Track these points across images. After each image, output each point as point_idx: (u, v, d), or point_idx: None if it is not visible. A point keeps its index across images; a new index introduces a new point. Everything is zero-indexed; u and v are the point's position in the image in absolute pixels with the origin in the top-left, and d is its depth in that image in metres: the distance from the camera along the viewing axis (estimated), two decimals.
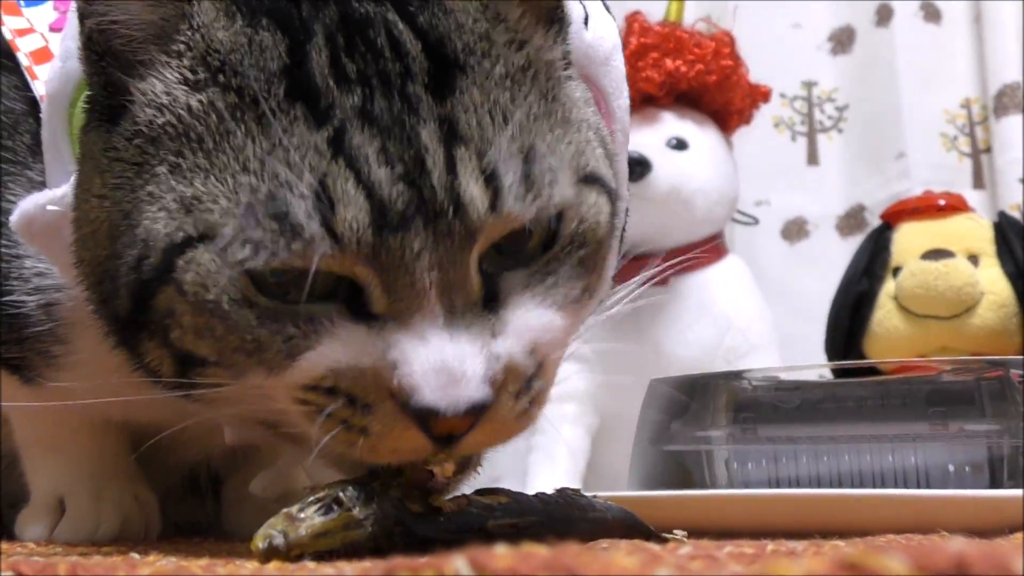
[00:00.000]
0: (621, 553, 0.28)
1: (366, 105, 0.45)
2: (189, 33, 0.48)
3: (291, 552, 0.43)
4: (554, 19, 0.53)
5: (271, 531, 0.44)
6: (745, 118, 1.39)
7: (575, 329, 0.51)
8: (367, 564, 0.35)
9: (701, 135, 1.33)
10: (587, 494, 0.55)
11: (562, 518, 0.51)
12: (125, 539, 0.68)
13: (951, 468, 0.72)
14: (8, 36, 0.67)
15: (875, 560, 0.20)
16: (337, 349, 0.45)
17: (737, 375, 0.87)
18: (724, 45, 1.33)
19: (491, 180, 0.45)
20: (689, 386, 0.85)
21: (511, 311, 0.47)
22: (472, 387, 0.44)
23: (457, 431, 0.45)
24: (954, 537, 0.34)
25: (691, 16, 1.49)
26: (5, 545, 0.63)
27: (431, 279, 0.44)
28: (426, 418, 0.44)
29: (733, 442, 0.80)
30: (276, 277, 0.45)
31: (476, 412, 0.44)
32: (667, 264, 0.69)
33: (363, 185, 0.43)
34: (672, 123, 1.32)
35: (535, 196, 0.46)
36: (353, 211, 0.43)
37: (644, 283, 0.60)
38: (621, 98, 0.63)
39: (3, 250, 0.63)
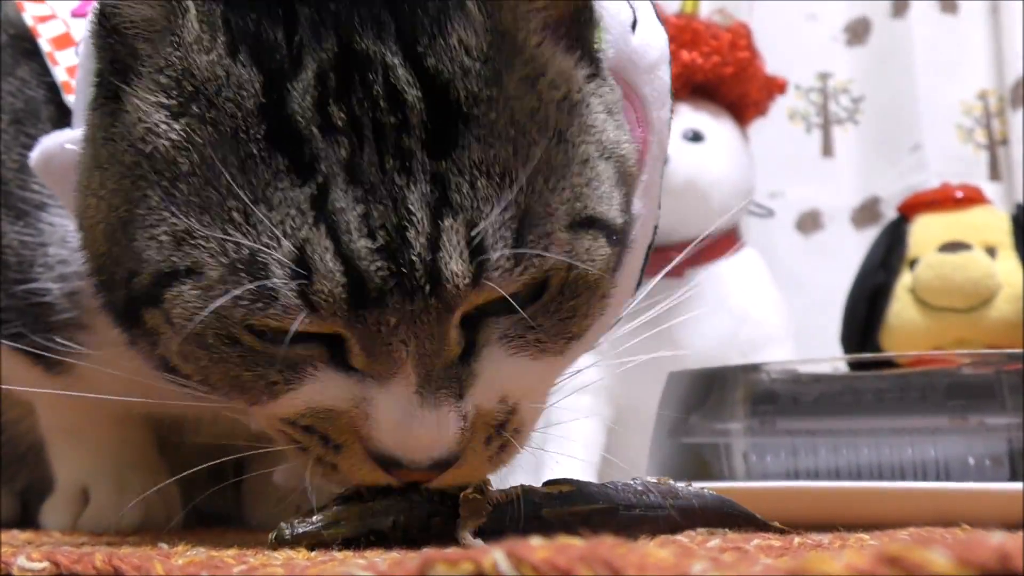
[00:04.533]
0: (653, 545, 0.28)
1: (354, 159, 0.43)
2: (171, 49, 0.46)
3: (300, 543, 0.44)
4: (576, 36, 0.50)
5: (282, 523, 0.45)
6: (761, 110, 1.39)
7: (563, 366, 0.51)
8: (398, 556, 0.35)
9: (717, 127, 1.33)
10: (678, 483, 0.54)
11: (632, 505, 0.50)
12: (147, 529, 0.68)
13: (971, 461, 0.72)
14: (30, 23, 0.67)
15: (917, 554, 0.20)
16: (317, 391, 0.46)
17: (755, 367, 0.87)
18: (740, 37, 1.32)
19: (477, 254, 0.43)
20: (707, 378, 0.85)
21: (484, 362, 0.46)
22: (438, 448, 0.45)
23: (421, 480, 0.47)
24: (995, 531, 0.34)
25: (707, 8, 1.49)
26: (31, 534, 0.64)
27: (407, 350, 0.44)
28: (391, 467, 0.46)
29: (751, 435, 0.80)
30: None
31: (441, 468, 0.46)
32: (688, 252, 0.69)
33: (342, 257, 0.42)
34: (688, 115, 1.32)
35: (523, 269, 0.44)
36: (330, 285, 0.42)
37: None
38: (663, 109, 0.61)
39: (27, 238, 0.64)
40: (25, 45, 0.67)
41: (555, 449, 1.40)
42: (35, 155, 0.56)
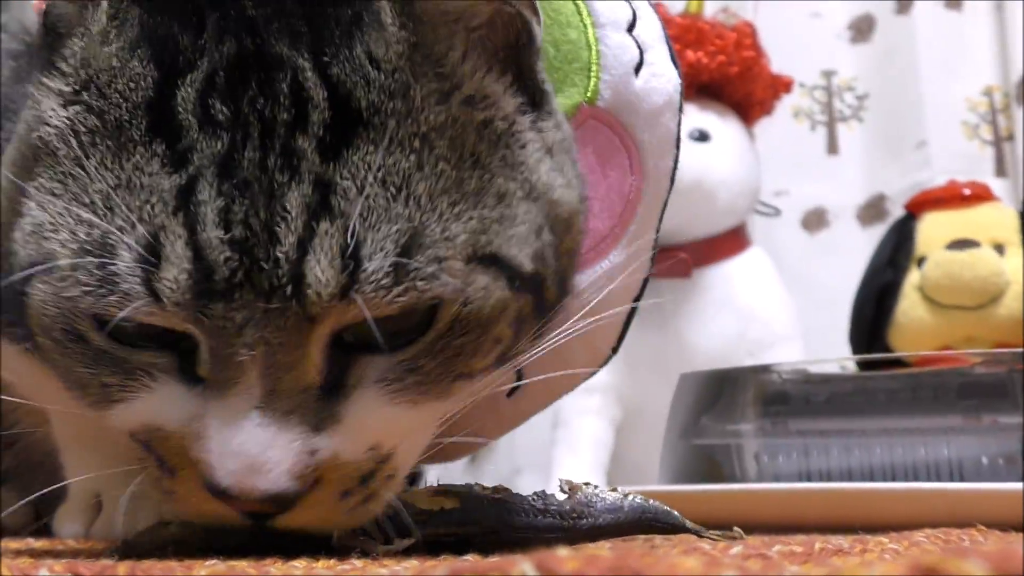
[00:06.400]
0: (678, 552, 0.28)
1: (232, 154, 0.42)
2: (77, 39, 0.46)
3: (134, 550, 0.44)
4: (514, 63, 0.48)
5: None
6: (767, 109, 1.39)
7: (448, 409, 0.47)
8: (418, 563, 0.35)
9: (723, 127, 1.33)
10: (601, 491, 0.51)
11: (525, 527, 0.46)
12: None
13: (984, 461, 0.72)
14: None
15: (953, 565, 0.20)
16: (152, 406, 0.44)
17: (766, 368, 0.87)
18: (745, 36, 1.32)
19: (351, 263, 0.41)
20: (718, 379, 0.85)
21: (353, 405, 0.43)
22: (271, 479, 0.41)
23: (263, 512, 0.43)
24: (1012, 532, 0.34)
25: (711, 8, 1.49)
26: (45, 543, 0.64)
27: (254, 355, 0.41)
28: (222, 497, 0.42)
29: (763, 435, 0.80)
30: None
31: (277, 502, 0.42)
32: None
33: (192, 245, 0.41)
34: (694, 115, 1.32)
35: (405, 290, 0.41)
36: (175, 271, 0.41)
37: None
38: (664, 159, 0.58)
39: None
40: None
41: (563, 451, 1.40)
42: None
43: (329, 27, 0.44)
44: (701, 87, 1.32)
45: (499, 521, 0.46)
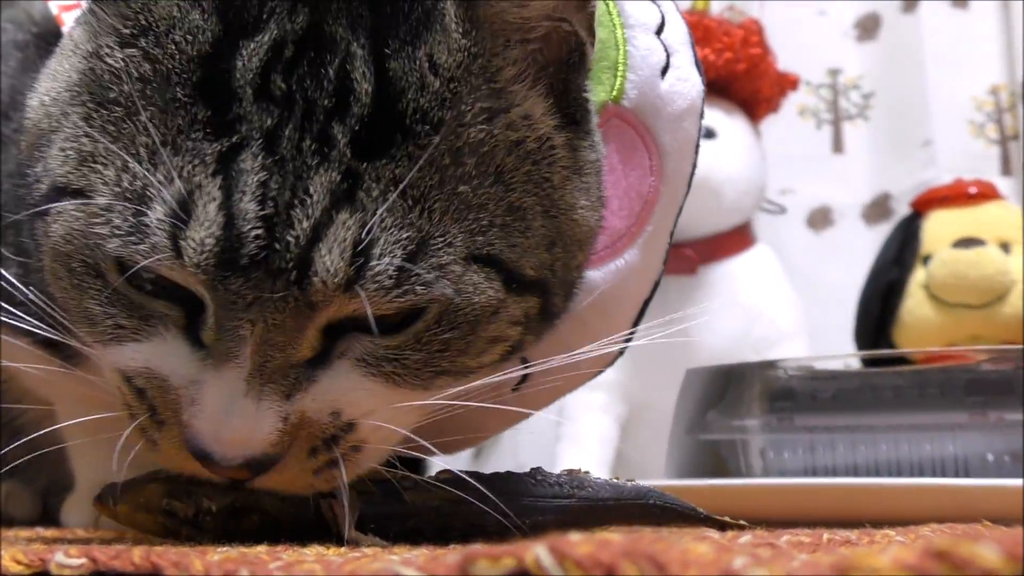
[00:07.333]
0: (688, 539, 0.29)
1: (278, 130, 0.42)
2: None
3: (123, 499, 0.46)
4: (560, 81, 0.48)
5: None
6: (773, 106, 1.39)
7: (429, 397, 0.47)
8: (428, 551, 0.36)
9: (729, 124, 1.33)
10: (594, 477, 0.51)
11: (522, 494, 0.48)
12: None
13: (990, 457, 0.72)
14: (55, 12, 0.66)
15: (966, 549, 0.20)
16: (160, 353, 0.45)
17: (772, 364, 0.87)
18: (752, 33, 1.32)
19: (359, 258, 0.42)
20: (724, 375, 0.85)
21: (328, 372, 0.44)
22: (251, 447, 0.43)
23: (236, 478, 0.45)
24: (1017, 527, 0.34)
25: (717, 6, 1.49)
26: (55, 531, 0.64)
27: (252, 332, 0.42)
28: (203, 460, 0.44)
29: (769, 431, 0.80)
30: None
31: (254, 468, 0.44)
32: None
33: (225, 211, 0.41)
34: None
35: (404, 292, 0.42)
36: (202, 233, 0.41)
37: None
38: (683, 163, 0.59)
39: None
40: (50, 40, 0.67)
41: (568, 447, 1.40)
42: None
43: (397, 19, 0.44)
44: (707, 84, 1.31)
45: (489, 490, 0.47)
